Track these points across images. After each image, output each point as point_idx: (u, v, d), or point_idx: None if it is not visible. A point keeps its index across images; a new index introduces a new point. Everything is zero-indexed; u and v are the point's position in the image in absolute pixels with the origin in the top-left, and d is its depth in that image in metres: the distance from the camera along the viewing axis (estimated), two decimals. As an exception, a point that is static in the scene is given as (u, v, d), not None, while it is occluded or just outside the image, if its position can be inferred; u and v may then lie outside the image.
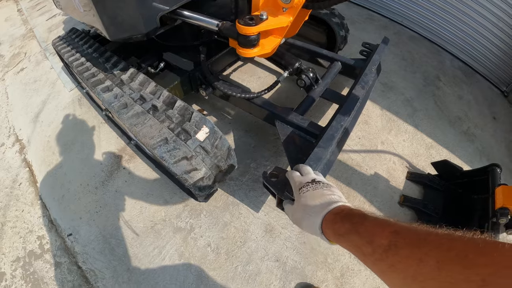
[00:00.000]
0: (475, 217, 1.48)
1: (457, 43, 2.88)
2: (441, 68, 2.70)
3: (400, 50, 2.71)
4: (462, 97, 2.52)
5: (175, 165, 1.17)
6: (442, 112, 2.32)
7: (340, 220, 0.54)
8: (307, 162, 1.11)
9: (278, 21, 1.08)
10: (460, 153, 2.08)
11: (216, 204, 1.60)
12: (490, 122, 2.44)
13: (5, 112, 2.57)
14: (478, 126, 2.34)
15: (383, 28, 2.89)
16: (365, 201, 1.67)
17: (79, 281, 1.52)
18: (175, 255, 1.48)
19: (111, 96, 1.42)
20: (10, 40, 3.55)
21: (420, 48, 2.81)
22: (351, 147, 1.89)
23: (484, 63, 2.85)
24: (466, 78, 2.76)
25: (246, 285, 1.40)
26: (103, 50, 1.77)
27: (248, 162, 1.77)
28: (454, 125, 2.26)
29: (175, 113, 1.28)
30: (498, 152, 2.19)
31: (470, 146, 2.17)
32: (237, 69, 2.38)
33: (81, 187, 1.80)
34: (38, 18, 3.69)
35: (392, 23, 2.98)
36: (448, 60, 2.83)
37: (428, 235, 0.41)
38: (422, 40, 2.90)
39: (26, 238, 1.71)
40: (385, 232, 0.45)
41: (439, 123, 2.22)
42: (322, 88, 1.58)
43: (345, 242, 0.51)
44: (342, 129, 1.25)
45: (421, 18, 2.89)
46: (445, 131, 2.20)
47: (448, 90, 2.52)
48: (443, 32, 2.88)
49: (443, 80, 2.58)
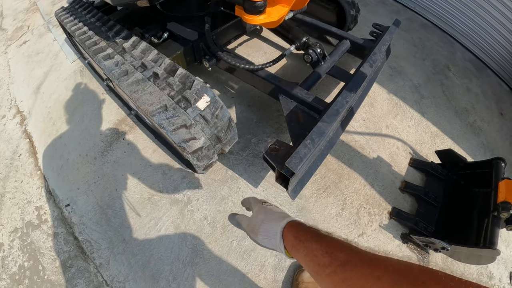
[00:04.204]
0: (475, 210, 1.45)
1: (470, 36, 2.78)
2: (451, 58, 2.61)
3: (411, 36, 2.62)
4: (470, 89, 2.45)
5: (173, 133, 1.14)
6: (450, 102, 2.26)
7: (304, 229, 0.57)
8: (310, 135, 1.07)
9: (286, -15, 1.03)
10: (465, 145, 2.04)
11: (215, 178, 1.58)
12: (497, 117, 2.38)
13: (7, 85, 2.54)
14: (484, 120, 2.28)
15: (395, 13, 2.80)
16: (365, 184, 1.65)
17: (75, 251, 1.52)
18: (171, 227, 1.47)
19: (112, 63, 1.38)
20: (13, 14, 3.48)
21: (432, 37, 2.72)
22: (356, 128, 1.84)
23: (495, 58, 2.77)
24: (477, 72, 2.68)
25: (240, 261, 1.39)
26: (106, 19, 1.72)
27: (249, 137, 1.74)
28: (461, 117, 2.21)
29: (176, 81, 1.24)
30: (502, 148, 2.14)
31: (475, 139, 2.12)
32: (242, 43, 2.32)
33: (80, 157, 1.78)
34: (42, -9, 3.61)
35: (404, 9, 2.88)
36: (459, 52, 2.74)
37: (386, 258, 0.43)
38: (434, 29, 2.81)
39: (24, 208, 1.71)
40: (345, 247, 0.47)
41: (445, 113, 2.17)
42: (329, 65, 1.53)
43: (304, 249, 0.52)
44: (347, 106, 1.20)
45: (435, 6, 2.79)
46: (451, 121, 2.14)
47: (457, 81, 2.45)
48: (457, 23, 2.79)
49: (453, 70, 2.51)
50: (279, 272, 1.37)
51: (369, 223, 1.55)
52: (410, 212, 1.62)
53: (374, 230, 1.54)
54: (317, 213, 1.51)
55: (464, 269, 1.51)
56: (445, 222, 1.54)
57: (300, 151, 1.00)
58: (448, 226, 1.52)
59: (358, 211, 1.56)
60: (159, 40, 1.66)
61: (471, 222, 1.42)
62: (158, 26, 1.72)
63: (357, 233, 1.51)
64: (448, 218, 1.55)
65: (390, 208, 1.61)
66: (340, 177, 1.63)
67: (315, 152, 1.15)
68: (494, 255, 1.21)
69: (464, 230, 1.42)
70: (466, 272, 1.51)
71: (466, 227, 1.43)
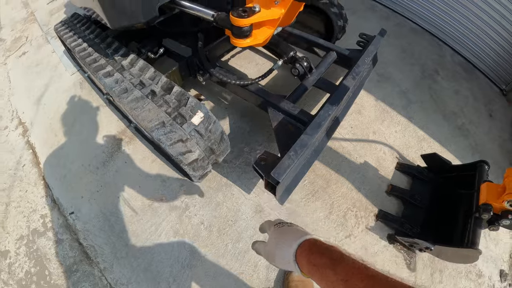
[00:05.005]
0: (460, 212, 1.55)
1: (459, 38, 2.91)
2: (440, 62, 2.76)
3: (400, 41, 2.77)
4: (459, 92, 2.59)
5: (171, 147, 1.29)
6: (437, 106, 2.41)
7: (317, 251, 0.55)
8: (293, 147, 1.23)
9: (270, 13, 1.18)
10: (453, 148, 2.17)
11: (210, 185, 1.74)
12: (486, 119, 2.50)
13: (8, 96, 2.70)
14: (473, 123, 2.41)
15: (385, 19, 2.95)
16: (352, 188, 1.80)
17: (80, 256, 1.67)
18: (171, 232, 1.63)
19: (112, 81, 1.54)
20: (11, 23, 3.64)
21: (421, 41, 2.87)
22: (343, 135, 2.00)
23: (485, 60, 2.89)
24: (466, 74, 2.81)
25: (235, 262, 1.55)
26: (104, 35, 1.87)
27: (242, 146, 1.90)
28: (449, 120, 2.34)
29: (172, 98, 1.40)
30: (491, 150, 2.26)
31: (463, 141, 2.25)
32: (235, 55, 2.48)
33: (83, 167, 1.94)
34: (39, 1, 3.77)
35: (394, 14, 3.03)
36: (448, 55, 2.89)
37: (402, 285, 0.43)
38: (423, 33, 2.96)
39: (29, 217, 1.86)
40: (362, 274, 0.46)
41: (433, 117, 2.31)
42: (315, 77, 1.68)
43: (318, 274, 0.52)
44: (329, 118, 1.36)
45: (424, 10, 2.93)
46: (438, 124, 2.28)
47: (445, 85, 2.60)
48: (446, 26, 2.92)
49: (442, 74, 2.66)
50: (271, 271, 1.53)
51: (356, 225, 1.70)
52: (396, 214, 1.76)
53: (361, 231, 1.69)
54: (306, 216, 1.67)
55: (453, 268, 1.65)
56: (430, 223, 1.66)
57: (284, 162, 1.16)
58: (434, 227, 1.63)
59: (345, 214, 1.72)
60: (155, 56, 1.82)
61: (456, 223, 1.52)
62: (154, 42, 1.88)
63: (344, 235, 1.66)
64: (433, 219, 1.67)
65: (377, 211, 1.75)
66: (328, 182, 1.79)
67: (300, 161, 1.31)
68: (476, 254, 1.31)
69: (449, 231, 1.53)
70: (454, 271, 1.64)
71: (451, 228, 1.53)
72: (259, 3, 1.17)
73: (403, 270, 1.62)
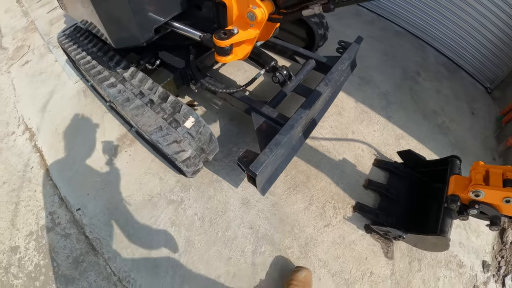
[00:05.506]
0: (434, 204, 1.75)
1: (442, 40, 3.21)
2: (423, 63, 3.08)
3: (383, 45, 3.10)
4: (440, 92, 2.90)
5: (167, 147, 1.64)
6: (417, 105, 2.72)
7: None
8: (269, 145, 1.56)
9: (247, 34, 1.52)
10: (432, 145, 2.46)
11: (203, 181, 2.09)
12: (468, 117, 2.79)
13: (13, 103, 3.04)
14: (454, 121, 2.70)
15: (369, 24, 3.28)
16: (331, 182, 2.12)
17: (86, 248, 1.98)
18: (168, 223, 1.96)
19: (116, 91, 1.89)
20: (12, 32, 4.00)
21: (404, 43, 3.19)
22: (323, 135, 2.34)
23: (469, 60, 3.17)
24: (449, 74, 3.12)
25: (224, 248, 1.87)
26: (106, 49, 2.22)
27: (230, 146, 2.25)
28: (428, 118, 2.65)
29: (167, 106, 1.74)
30: (472, 146, 2.52)
31: (443, 138, 2.54)
32: (225, 64, 2.82)
33: (88, 168, 2.28)
34: (39, 10, 4.15)
35: (379, 18, 3.36)
36: (432, 56, 3.20)
37: None
38: (407, 35, 3.28)
39: (38, 214, 2.17)
40: None
41: (412, 116, 2.62)
42: (294, 84, 2.01)
43: None
44: (301, 120, 1.69)
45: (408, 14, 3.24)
46: (418, 123, 2.59)
47: (427, 85, 2.91)
48: (429, 29, 3.21)
49: (423, 75, 2.98)
50: (256, 256, 1.85)
51: (334, 215, 2.02)
52: (373, 206, 2.05)
53: (339, 221, 2.01)
54: (288, 207, 2.00)
55: (431, 257, 1.89)
56: (405, 215, 1.91)
57: (260, 158, 1.49)
58: (408, 218, 1.89)
59: (324, 205, 2.04)
60: (152, 67, 2.16)
61: (429, 214, 1.74)
62: (151, 54, 2.22)
63: (323, 224, 1.98)
64: (409, 211, 1.92)
65: (354, 203, 2.06)
66: (308, 177, 2.12)
67: (276, 157, 1.64)
68: (446, 242, 1.49)
69: (422, 221, 1.77)
70: (433, 260, 1.87)
71: (424, 218, 1.77)
72: (237, 26, 1.50)
73: (380, 259, 1.89)
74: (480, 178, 1.32)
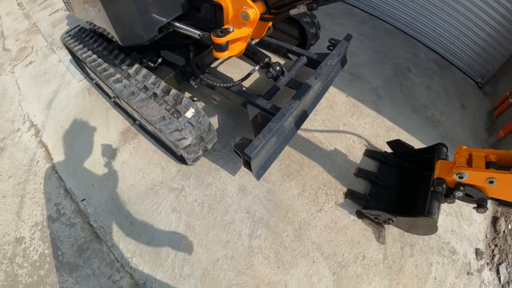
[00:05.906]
0: (422, 190, 1.89)
1: (433, 37, 3.47)
2: (414, 60, 3.34)
3: (374, 43, 3.37)
4: (431, 87, 3.15)
5: (170, 135, 1.88)
6: (407, 100, 2.97)
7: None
8: (262, 132, 1.80)
9: (241, 32, 1.78)
10: (421, 137, 2.69)
11: (202, 169, 2.33)
12: (458, 110, 3.02)
13: (18, 102, 3.30)
14: (444, 114, 2.93)
15: (361, 23, 3.56)
16: (323, 171, 2.36)
17: (90, 236, 2.17)
18: (169, 209, 2.19)
19: (121, 86, 2.14)
20: (14, 34, 4.29)
21: (395, 41, 3.46)
22: (315, 127, 2.59)
23: (460, 56, 3.42)
24: (440, 70, 3.37)
25: (223, 232, 2.10)
26: (111, 48, 2.49)
27: (228, 138, 2.50)
28: (418, 112, 2.89)
29: (170, 98, 2.00)
30: (462, 137, 2.73)
31: (433, 131, 2.78)
32: (223, 62, 3.12)
33: (93, 160, 2.53)
34: (40, 13, 4.45)
35: (371, 18, 3.64)
36: (423, 53, 3.46)
37: None
38: (398, 33, 3.56)
39: (44, 206, 2.36)
40: None
41: (402, 109, 2.87)
42: (287, 78, 2.27)
43: None
44: (292, 110, 1.94)
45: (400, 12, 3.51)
46: (407, 116, 2.83)
47: (417, 81, 3.17)
48: (421, 26, 3.48)
49: (414, 71, 3.23)
50: (253, 239, 2.07)
51: (326, 201, 2.25)
52: (364, 193, 2.27)
53: (331, 207, 2.23)
54: (282, 194, 2.23)
55: (424, 243, 2.05)
56: (395, 200, 2.10)
57: (254, 143, 1.74)
58: (398, 203, 2.06)
59: (317, 192, 2.27)
60: (154, 65, 2.43)
61: (417, 199, 1.90)
62: (153, 52, 2.49)
63: (315, 209, 2.21)
64: (398, 197, 2.10)
65: (345, 190, 2.30)
66: (301, 166, 2.36)
67: (270, 143, 1.89)
68: (433, 223, 1.62)
69: (411, 205, 1.94)
70: (425, 246, 2.03)
71: (413, 203, 1.93)
72: (233, 25, 1.77)
73: (372, 243, 2.08)
74: (464, 161, 1.42)
